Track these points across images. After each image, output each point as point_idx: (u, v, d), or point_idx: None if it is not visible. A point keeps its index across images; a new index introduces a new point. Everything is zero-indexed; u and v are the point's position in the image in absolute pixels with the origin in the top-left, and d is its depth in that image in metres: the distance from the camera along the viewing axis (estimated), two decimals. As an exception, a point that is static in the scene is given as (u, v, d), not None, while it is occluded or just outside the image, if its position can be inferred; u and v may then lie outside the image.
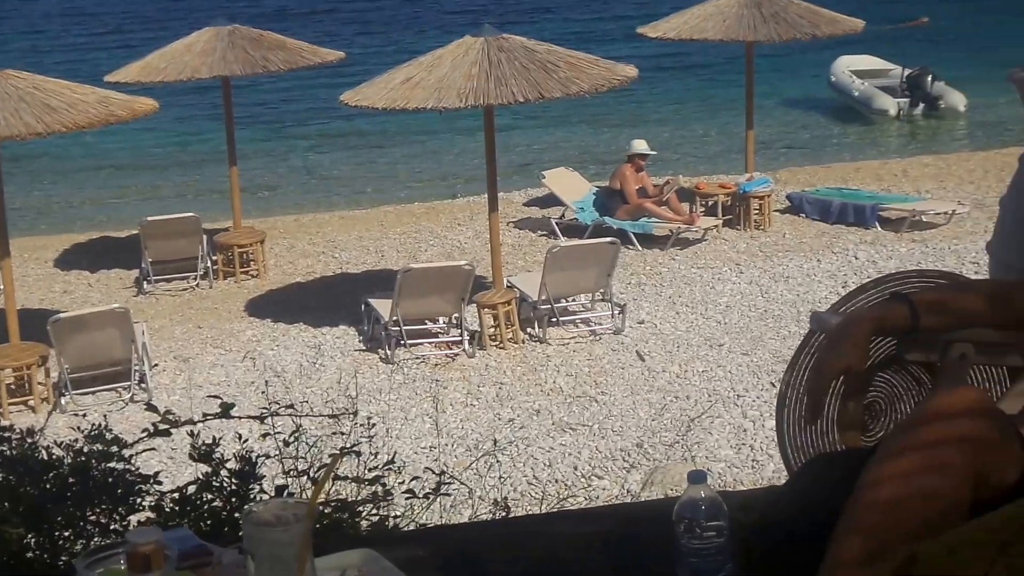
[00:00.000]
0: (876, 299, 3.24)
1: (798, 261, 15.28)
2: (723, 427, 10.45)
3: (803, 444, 3.25)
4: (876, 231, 16.46)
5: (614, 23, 38.11)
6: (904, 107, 24.78)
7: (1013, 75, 3.74)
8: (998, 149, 21.21)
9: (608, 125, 24.97)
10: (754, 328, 13.06)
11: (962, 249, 15.22)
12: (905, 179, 19.30)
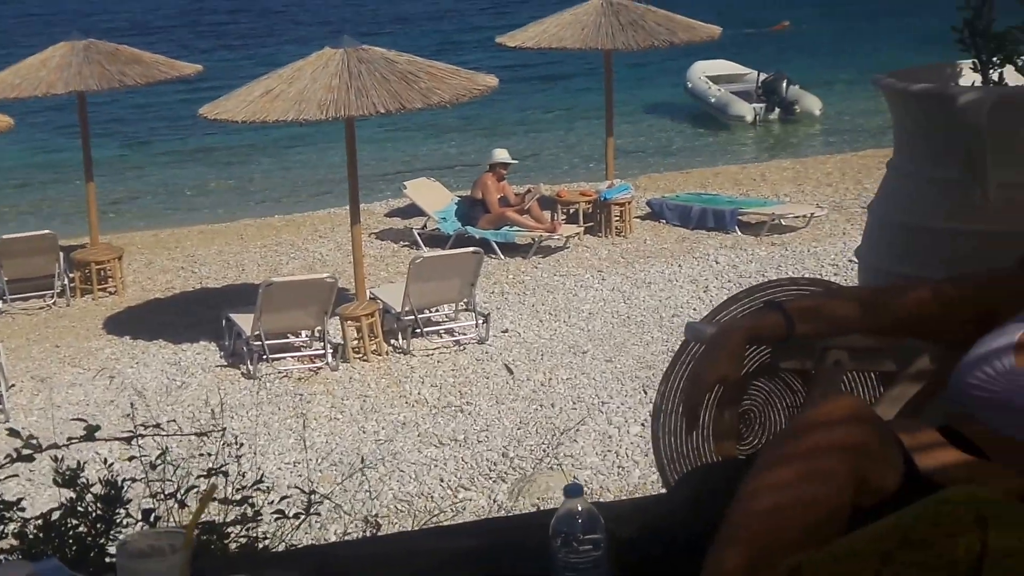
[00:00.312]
0: (750, 308, 3.23)
1: (659, 267, 15.38)
2: (588, 434, 10.45)
3: (679, 454, 3.23)
4: (736, 235, 16.63)
5: (473, 33, 38.20)
6: (760, 112, 25.09)
7: (879, 80, 3.76)
8: (854, 152, 21.61)
9: (469, 135, 24.98)
10: (617, 334, 13.11)
11: (821, 251, 15.43)
12: (763, 183, 19.54)
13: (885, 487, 2.52)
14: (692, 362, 3.11)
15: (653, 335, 12.89)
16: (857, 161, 20.49)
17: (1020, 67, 3.79)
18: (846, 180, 19.24)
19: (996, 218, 3.42)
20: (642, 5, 18.05)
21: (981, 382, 2.81)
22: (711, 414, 3.02)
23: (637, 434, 10.25)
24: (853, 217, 16.89)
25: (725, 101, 25.31)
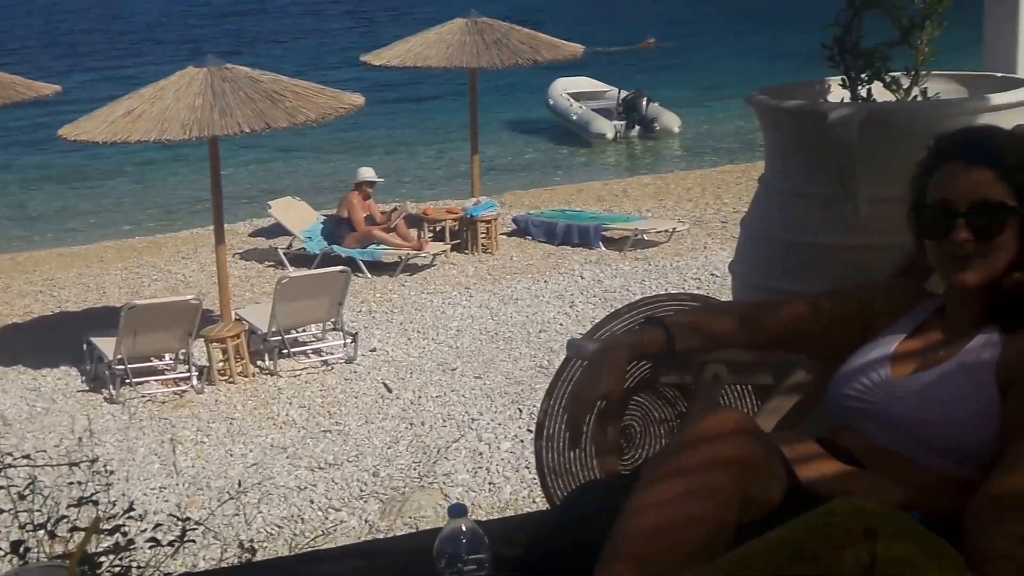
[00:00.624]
0: (631, 324, 3.25)
1: (526, 283, 15.42)
2: (459, 452, 10.43)
3: (562, 471, 3.23)
4: (600, 251, 16.75)
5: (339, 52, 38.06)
6: (621, 129, 25.33)
7: (751, 98, 3.81)
8: (713, 168, 21.90)
9: (335, 153, 24.88)
10: (486, 351, 13.11)
11: (683, 265, 15.59)
12: (626, 199, 19.71)
13: (769, 500, 2.54)
14: (574, 379, 3.12)
15: (521, 351, 12.91)
16: (717, 176, 20.77)
17: (888, 83, 3.87)
18: (706, 195, 19.48)
19: (867, 232, 3.47)
20: (505, 24, 18.12)
21: (858, 393, 2.85)
22: (593, 430, 3.03)
23: (508, 450, 10.25)
24: (714, 232, 17.11)
25: (586, 118, 25.52)
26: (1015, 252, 2.78)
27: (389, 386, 12.27)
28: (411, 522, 8.93)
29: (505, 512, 8.96)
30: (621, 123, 25.39)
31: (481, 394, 11.80)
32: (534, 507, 8.99)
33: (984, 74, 4.12)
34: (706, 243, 16.62)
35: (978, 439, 2.71)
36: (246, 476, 10.12)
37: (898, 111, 3.72)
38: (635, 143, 25.53)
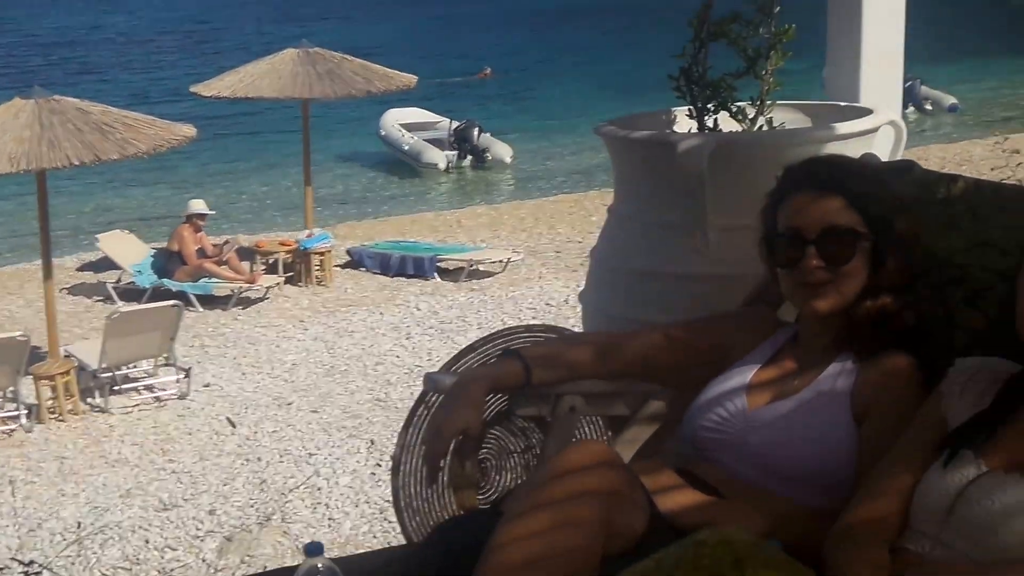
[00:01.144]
0: (487, 357, 3.23)
1: (362, 315, 15.33)
2: (297, 487, 10.30)
3: (420, 506, 3.19)
4: (436, 282, 16.73)
5: (170, 83, 37.53)
6: (453, 159, 25.41)
7: (600, 128, 3.82)
8: (546, 198, 22.03)
9: (166, 185, 24.50)
10: (322, 384, 12.98)
11: (519, 296, 15.63)
12: (460, 229, 19.74)
13: (634, 531, 2.54)
14: (432, 413, 3.08)
15: (358, 384, 12.80)
16: (550, 206, 20.91)
17: (734, 113, 3.90)
18: (540, 225, 19.59)
19: (718, 261, 3.49)
20: (338, 54, 18.05)
21: (715, 424, 2.86)
22: (451, 464, 2.99)
23: (347, 485, 10.15)
24: (548, 262, 17.20)
25: (418, 148, 25.55)
26: (866, 279, 2.81)
27: (232, 421, 12.08)
28: (251, 560, 8.78)
29: (346, 548, 8.85)
30: (453, 153, 25.48)
31: (318, 428, 11.67)
32: (375, 542, 8.91)
33: (827, 104, 4.19)
34: (541, 273, 16.70)
35: (836, 468, 2.73)
36: (82, 517, 9.87)
37: (746, 141, 3.75)
38: (467, 173, 25.62)
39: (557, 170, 24.56)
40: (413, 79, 18.39)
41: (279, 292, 16.45)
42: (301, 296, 16.41)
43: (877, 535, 2.45)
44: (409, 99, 23.98)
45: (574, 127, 28.06)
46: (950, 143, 22.82)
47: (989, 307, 2.80)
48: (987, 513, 2.29)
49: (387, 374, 12.95)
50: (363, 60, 18.25)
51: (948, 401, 2.56)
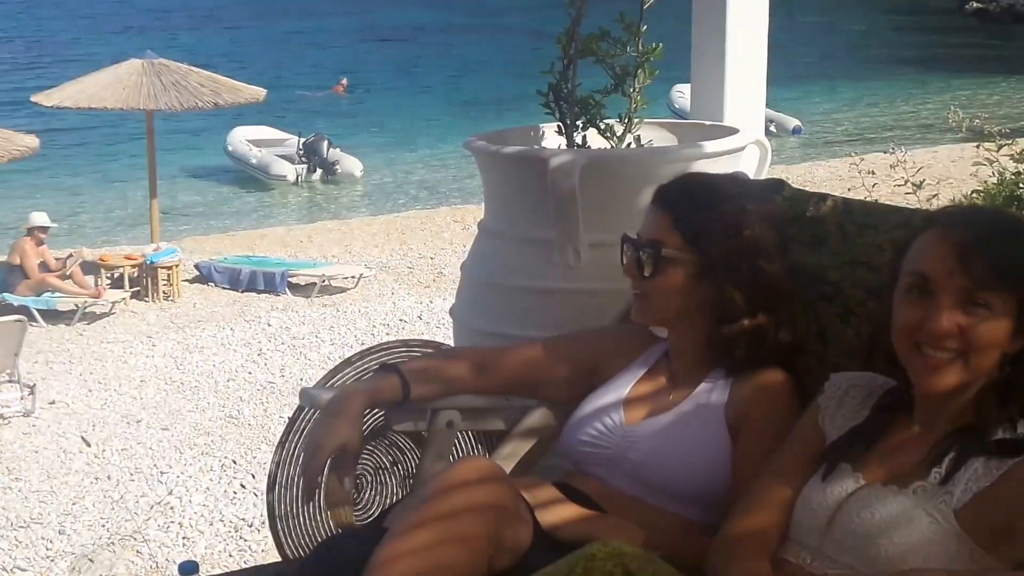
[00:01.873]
0: (363, 372, 3.22)
1: (211, 331, 15.16)
2: (148, 506, 10.15)
3: (296, 524, 3.16)
4: (287, 297, 16.61)
5: (10, 93, 36.70)
6: (302, 173, 25.23)
7: (471, 143, 3.83)
8: (397, 213, 21.98)
9: (7, 198, 23.96)
10: (172, 401, 12.81)
11: (372, 311, 15.59)
12: (311, 245, 19.61)
13: (519, 546, 2.54)
14: (309, 429, 3.06)
15: (209, 400, 12.65)
16: (401, 222, 20.88)
17: (602, 130, 3.94)
18: (391, 240, 19.55)
19: (590, 277, 3.52)
20: (184, 65, 17.86)
21: (592, 439, 2.88)
22: (328, 481, 2.97)
23: (200, 503, 10.02)
24: (401, 277, 17.19)
25: (267, 161, 25.33)
26: (686, 298, 2.87)
27: (87, 439, 11.84)
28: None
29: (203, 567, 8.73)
30: (302, 166, 25.30)
31: (169, 446, 11.51)
32: (231, 560, 8.83)
33: (693, 122, 4.25)
34: (393, 288, 16.67)
35: (713, 482, 2.77)
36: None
37: (617, 157, 3.79)
38: (317, 187, 25.46)
39: (407, 185, 24.56)
40: (262, 92, 18.29)
41: (125, 307, 16.18)
42: (148, 311, 16.17)
43: (758, 548, 2.47)
44: (259, 112, 23.78)
45: (423, 142, 28.10)
46: (791, 164, 23.24)
47: (861, 323, 2.86)
48: (867, 525, 2.33)
49: (239, 391, 12.82)
50: (211, 72, 18.10)
51: (824, 415, 2.60)
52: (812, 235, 3.08)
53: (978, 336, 2.31)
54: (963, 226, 2.36)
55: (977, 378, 2.35)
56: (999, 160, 5.89)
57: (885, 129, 29.20)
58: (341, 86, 38.92)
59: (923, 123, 29.43)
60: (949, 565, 2.26)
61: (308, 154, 25.47)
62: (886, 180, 5.82)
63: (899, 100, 33.88)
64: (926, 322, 2.33)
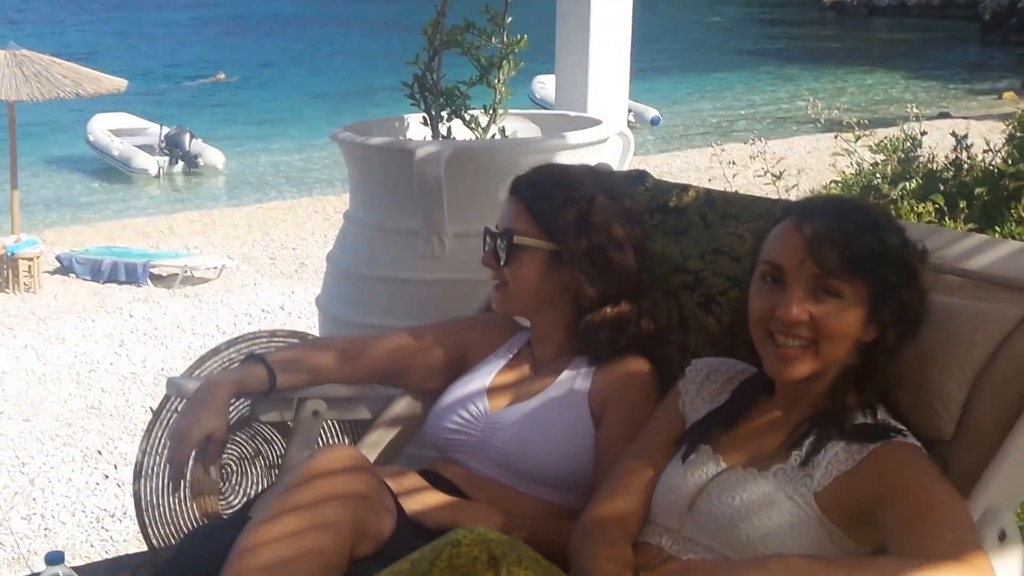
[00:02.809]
0: (229, 361, 3.22)
1: (73, 322, 14.90)
2: (11, 497, 9.98)
3: (163, 513, 3.16)
4: (149, 288, 16.38)
5: None
6: (164, 165, 24.92)
7: (336, 134, 3.84)
8: (259, 204, 21.80)
9: None
10: (33, 393, 12.57)
11: (234, 302, 15.43)
12: (172, 235, 19.34)
13: (382, 534, 2.56)
14: (175, 418, 3.06)
15: (71, 391, 12.45)
16: (263, 213, 20.69)
17: (467, 121, 3.97)
18: (254, 232, 19.36)
19: (454, 267, 3.55)
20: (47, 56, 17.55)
21: (457, 427, 2.91)
22: (193, 470, 2.97)
23: (63, 494, 9.87)
24: (263, 268, 17.04)
25: (128, 154, 24.96)
26: (551, 287, 2.93)
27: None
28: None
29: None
30: (164, 159, 24.97)
31: (31, 437, 11.31)
32: (92, 551, 8.71)
33: (557, 113, 4.29)
34: (256, 279, 16.53)
35: (577, 468, 2.81)
36: None
37: (482, 148, 3.83)
38: (178, 179, 25.15)
39: (270, 176, 24.33)
40: (123, 83, 18.05)
41: (-15, 298, 15.88)
42: (8, 302, 15.84)
43: (619, 532, 2.50)
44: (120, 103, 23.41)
45: (288, 134, 27.87)
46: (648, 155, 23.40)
47: (723, 312, 2.91)
48: (728, 508, 2.36)
49: (101, 382, 12.63)
50: (73, 63, 17.81)
51: (685, 399, 2.64)
52: (674, 225, 3.12)
53: (828, 325, 2.35)
54: (814, 216, 2.40)
55: (830, 366, 2.39)
56: (857, 151, 6.00)
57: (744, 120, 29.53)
58: (219, 77, 38.47)
59: (782, 115, 29.80)
60: (810, 548, 2.30)
61: (170, 146, 25.15)
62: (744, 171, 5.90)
63: (757, 92, 34.29)
64: (777, 310, 2.37)
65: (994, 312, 2.50)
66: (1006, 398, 2.42)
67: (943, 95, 31.18)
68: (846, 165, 6.05)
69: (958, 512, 2.21)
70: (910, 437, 2.36)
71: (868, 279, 2.35)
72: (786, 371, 2.40)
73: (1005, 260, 2.65)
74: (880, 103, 29.38)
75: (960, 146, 5.84)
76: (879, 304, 2.36)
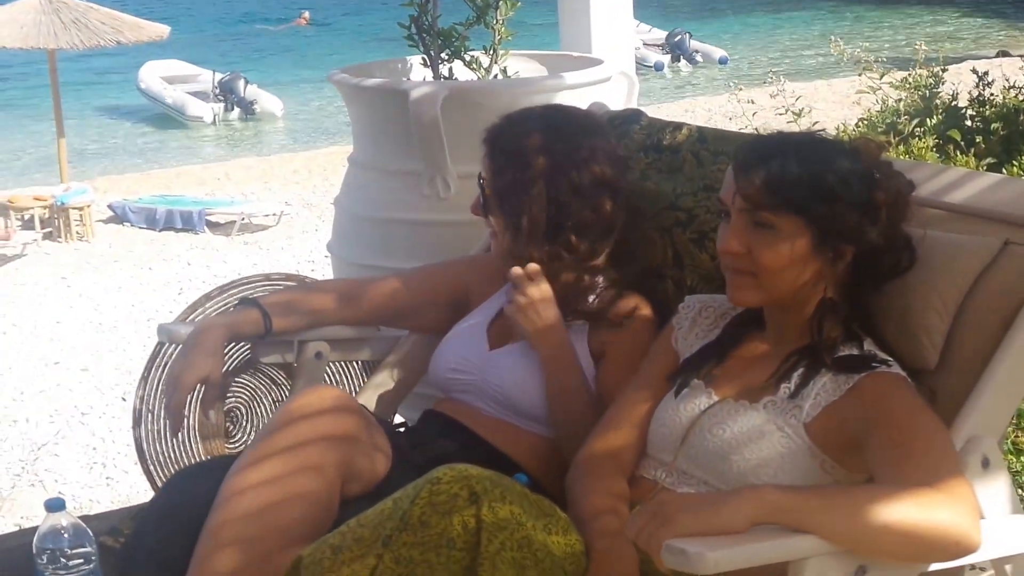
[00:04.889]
0: (224, 305, 3.25)
1: (130, 271, 15.03)
2: (71, 447, 10.12)
3: (166, 458, 3.21)
4: (206, 236, 16.45)
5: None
6: (219, 112, 24.93)
7: (333, 76, 3.85)
8: (318, 149, 21.77)
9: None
10: (91, 342, 12.74)
11: (296, 249, 15.47)
12: (229, 182, 19.39)
13: (376, 474, 2.60)
14: (169, 364, 3.10)
15: (130, 340, 12.58)
16: (323, 158, 20.64)
17: (468, 62, 3.97)
18: (313, 177, 19.36)
19: (457, 208, 3.56)
20: (83, 2, 17.50)
21: (459, 366, 2.94)
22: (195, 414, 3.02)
23: (125, 443, 9.99)
24: (324, 213, 17.02)
25: (183, 101, 24.97)
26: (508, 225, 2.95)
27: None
28: (21, 522, 8.61)
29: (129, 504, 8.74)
30: (219, 105, 25.00)
31: (90, 387, 11.45)
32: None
33: (561, 54, 4.29)
34: (317, 225, 16.50)
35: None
36: None
37: (478, 89, 3.82)
38: (235, 126, 25.19)
39: (329, 122, 24.32)
40: (166, 29, 18.01)
41: (38, 249, 15.96)
42: (62, 252, 15.96)
43: (614, 466, 2.55)
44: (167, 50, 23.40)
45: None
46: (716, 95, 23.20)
47: (715, 248, 2.90)
48: (719, 441, 2.40)
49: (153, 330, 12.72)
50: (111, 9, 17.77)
51: (678, 335, 2.68)
52: (668, 163, 3.14)
53: (762, 256, 2.38)
54: (749, 153, 2.42)
55: (780, 296, 2.43)
56: (882, 88, 5.98)
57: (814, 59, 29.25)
58: (304, 19, 38.30)
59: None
60: (802, 478, 2.34)
61: (224, 93, 25.15)
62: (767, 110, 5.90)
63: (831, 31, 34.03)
64: (722, 243, 2.42)
65: (973, 244, 2.50)
66: (987, 328, 2.43)
67: (1010, 33, 30.85)
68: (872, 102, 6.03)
69: (940, 440, 2.23)
70: (895, 367, 2.38)
71: (799, 211, 2.36)
72: (735, 296, 2.46)
73: (985, 192, 2.65)
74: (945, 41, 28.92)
75: (982, 83, 5.81)
76: (824, 236, 2.37)
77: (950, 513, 2.07)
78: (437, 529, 2.15)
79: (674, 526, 1.97)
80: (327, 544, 2.25)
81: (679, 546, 1.94)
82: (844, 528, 2.04)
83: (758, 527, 2.02)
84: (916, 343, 2.47)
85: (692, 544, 1.94)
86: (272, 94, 25.62)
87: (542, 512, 2.25)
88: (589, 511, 2.41)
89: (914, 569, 2.18)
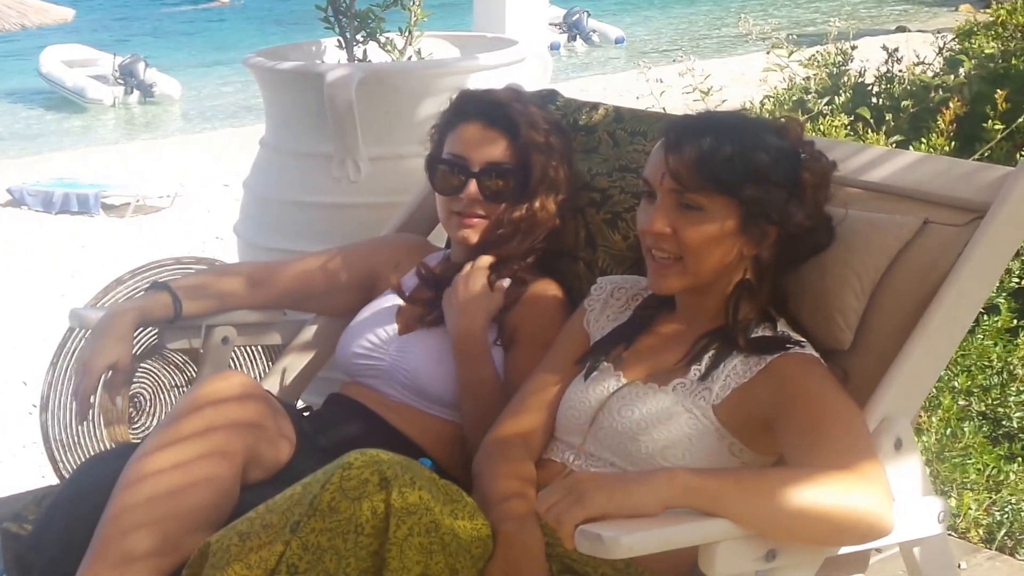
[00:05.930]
0: (135, 290, 3.20)
1: (24, 254, 14.81)
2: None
3: (71, 444, 3.15)
4: (102, 218, 16.29)
5: None
6: (119, 95, 24.73)
7: (249, 60, 3.81)
8: (216, 131, 21.65)
9: None
10: (-16, 326, 12.52)
11: (189, 230, 15.36)
12: (126, 165, 19.19)
13: (280, 460, 2.57)
14: (79, 349, 3.04)
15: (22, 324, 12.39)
16: (220, 139, 20.54)
17: (383, 44, 3.94)
18: (206, 159, 19.25)
19: (369, 190, 3.54)
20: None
21: (367, 350, 2.90)
22: (101, 400, 2.96)
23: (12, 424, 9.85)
24: (218, 195, 16.93)
25: (83, 85, 24.76)
26: (506, 213, 2.89)
27: None
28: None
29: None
30: (119, 88, 24.78)
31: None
32: (43, 482, 8.70)
33: (475, 34, 4.26)
34: (209, 207, 16.42)
35: None
36: None
37: (394, 71, 3.79)
38: (134, 109, 24.97)
39: (226, 105, 24.14)
40: (70, 12, 17.84)
41: (-67, 231, 15.72)
42: (-43, 236, 15.73)
43: (522, 450, 2.52)
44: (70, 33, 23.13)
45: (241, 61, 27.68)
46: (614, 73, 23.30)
47: (629, 229, 2.89)
48: (627, 422, 2.38)
49: (57, 314, 12.55)
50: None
51: (589, 317, 2.65)
52: (583, 142, 3.11)
53: (689, 237, 2.35)
54: (678, 132, 2.39)
55: (705, 279, 2.40)
56: (790, 66, 5.94)
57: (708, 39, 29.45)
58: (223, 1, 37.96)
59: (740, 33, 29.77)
60: (710, 459, 2.32)
61: (124, 76, 24.96)
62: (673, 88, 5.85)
63: (724, 8, 34.17)
64: (645, 224, 2.39)
65: (891, 223, 2.50)
66: (903, 308, 2.43)
67: (907, 9, 31.16)
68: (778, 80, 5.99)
69: (851, 421, 2.22)
70: (808, 348, 2.37)
71: (727, 192, 2.34)
72: (657, 283, 2.43)
73: (904, 171, 2.65)
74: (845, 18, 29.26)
75: (891, 59, 5.80)
76: (752, 217, 2.36)
77: (863, 496, 2.07)
78: (346, 515, 2.12)
79: (586, 505, 1.96)
80: (234, 531, 2.21)
81: (594, 531, 1.93)
82: (757, 512, 2.03)
83: (671, 510, 2.01)
84: (831, 323, 2.46)
85: (606, 529, 1.93)
86: (172, 77, 25.41)
87: (449, 497, 2.22)
88: (496, 494, 2.39)
89: (822, 553, 2.16)
